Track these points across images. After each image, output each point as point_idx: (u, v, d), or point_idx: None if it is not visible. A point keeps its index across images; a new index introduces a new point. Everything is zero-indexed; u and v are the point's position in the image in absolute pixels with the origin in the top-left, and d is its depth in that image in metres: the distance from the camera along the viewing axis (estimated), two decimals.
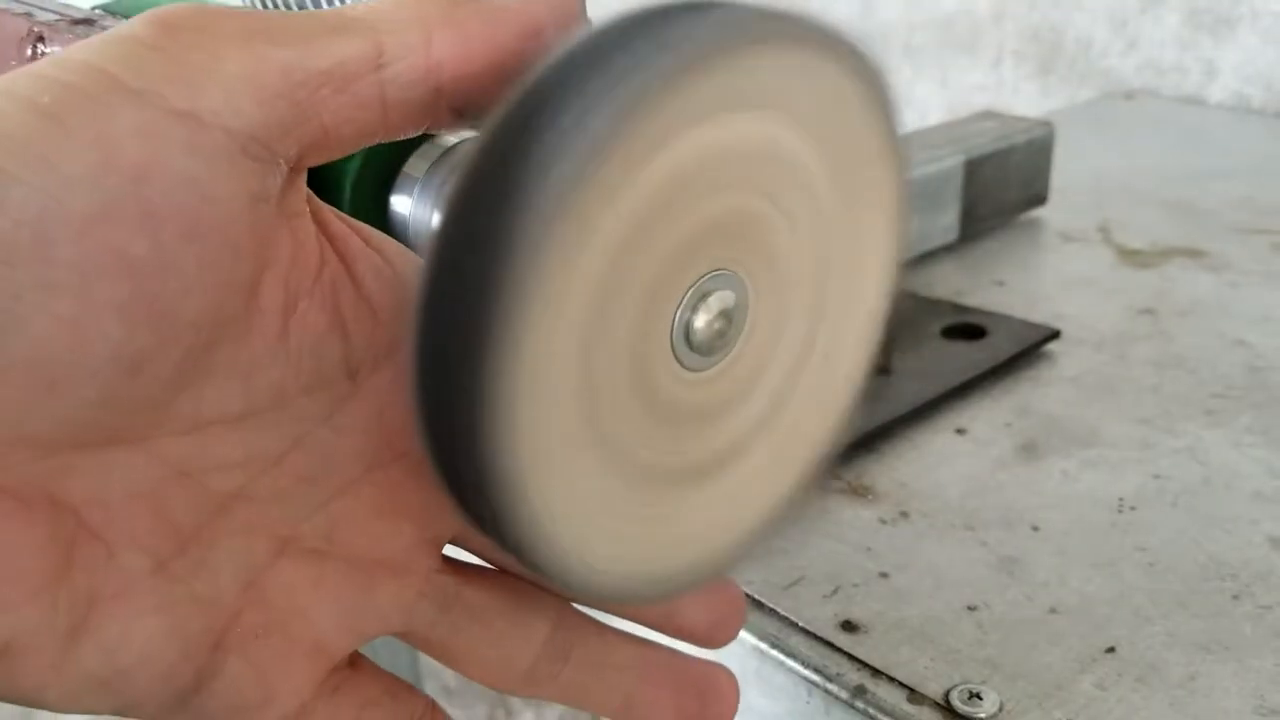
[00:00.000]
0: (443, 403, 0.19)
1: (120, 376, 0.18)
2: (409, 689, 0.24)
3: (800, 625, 0.34)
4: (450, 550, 0.25)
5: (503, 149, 0.18)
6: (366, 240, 0.23)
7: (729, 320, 0.22)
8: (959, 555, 0.37)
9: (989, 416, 0.45)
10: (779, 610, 0.34)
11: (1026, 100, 0.99)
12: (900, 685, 0.32)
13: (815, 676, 0.33)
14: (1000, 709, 0.31)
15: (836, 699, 0.32)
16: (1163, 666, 0.32)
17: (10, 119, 0.17)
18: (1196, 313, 0.54)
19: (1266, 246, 0.61)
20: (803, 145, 0.22)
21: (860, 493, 0.40)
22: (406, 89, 0.20)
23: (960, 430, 0.44)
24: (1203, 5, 0.88)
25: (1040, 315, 0.52)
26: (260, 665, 0.21)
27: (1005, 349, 0.48)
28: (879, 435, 0.43)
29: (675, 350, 0.22)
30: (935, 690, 0.31)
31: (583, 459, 0.21)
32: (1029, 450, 0.43)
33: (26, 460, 0.18)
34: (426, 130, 0.21)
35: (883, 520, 0.39)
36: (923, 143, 0.60)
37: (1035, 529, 0.38)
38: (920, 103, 1.06)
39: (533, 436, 0.20)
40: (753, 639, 0.34)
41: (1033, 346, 0.49)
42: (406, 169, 0.30)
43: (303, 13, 0.20)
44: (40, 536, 0.18)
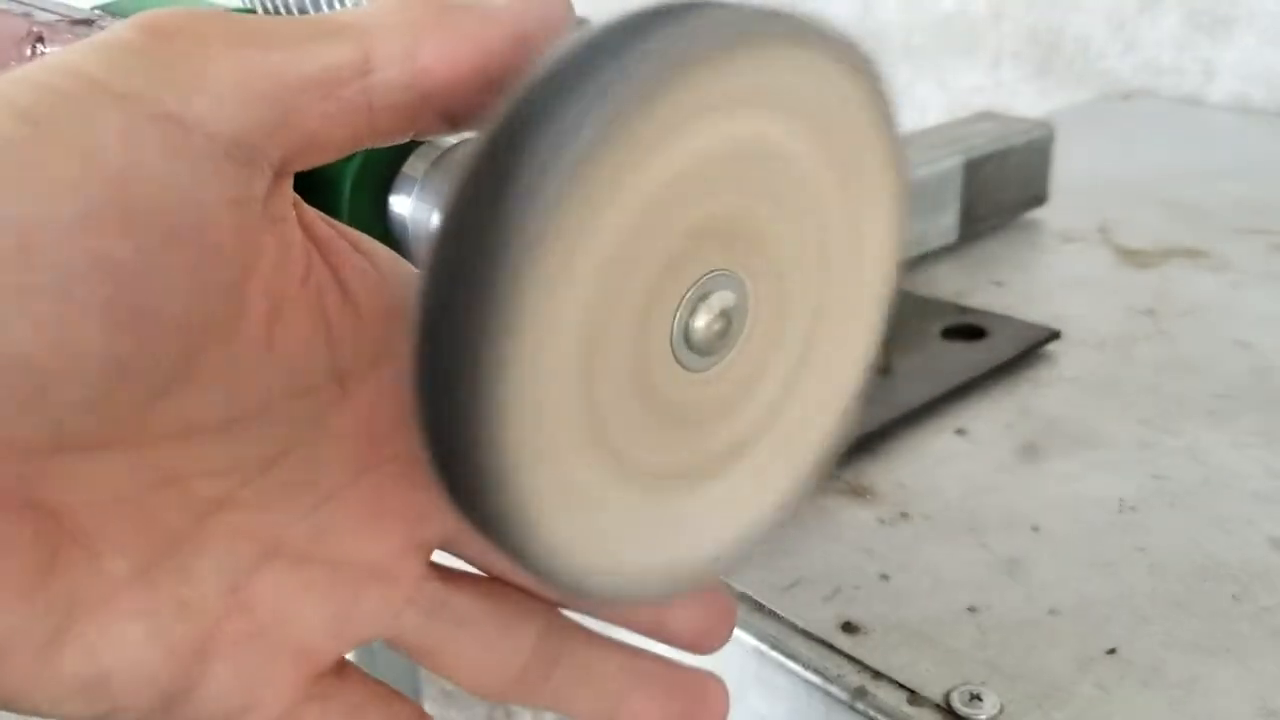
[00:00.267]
0: (440, 401, 0.19)
1: (104, 381, 0.18)
2: (398, 696, 0.24)
3: (800, 627, 0.34)
4: (439, 556, 0.24)
5: (501, 149, 0.18)
6: (354, 245, 0.23)
7: (729, 321, 0.22)
8: (959, 556, 0.37)
9: (989, 417, 0.45)
10: (779, 612, 0.34)
11: (1025, 101, 0.99)
12: (900, 687, 0.32)
13: (815, 678, 0.32)
14: (1000, 710, 0.30)
15: (837, 701, 0.32)
16: (1163, 667, 0.32)
17: None
18: (1197, 313, 0.54)
19: (1266, 246, 0.61)
20: (801, 145, 0.22)
21: (860, 494, 0.40)
22: (394, 94, 0.20)
23: (960, 431, 0.44)
24: (1201, 6, 0.88)
25: (1040, 316, 0.52)
26: (245, 671, 0.21)
27: (1005, 350, 0.48)
28: (879, 436, 0.43)
29: (675, 351, 0.22)
30: (935, 692, 0.31)
31: (581, 460, 0.21)
32: (1029, 451, 0.43)
33: (9, 463, 0.18)
34: (414, 137, 0.21)
35: (883, 521, 0.39)
36: (922, 143, 0.60)
37: (1035, 530, 0.38)
38: (919, 103, 1.06)
39: (530, 437, 0.20)
40: (752, 641, 0.34)
41: (1033, 347, 0.49)
42: (406, 169, 0.30)
43: (291, 18, 0.20)
44: (23, 540, 0.18)
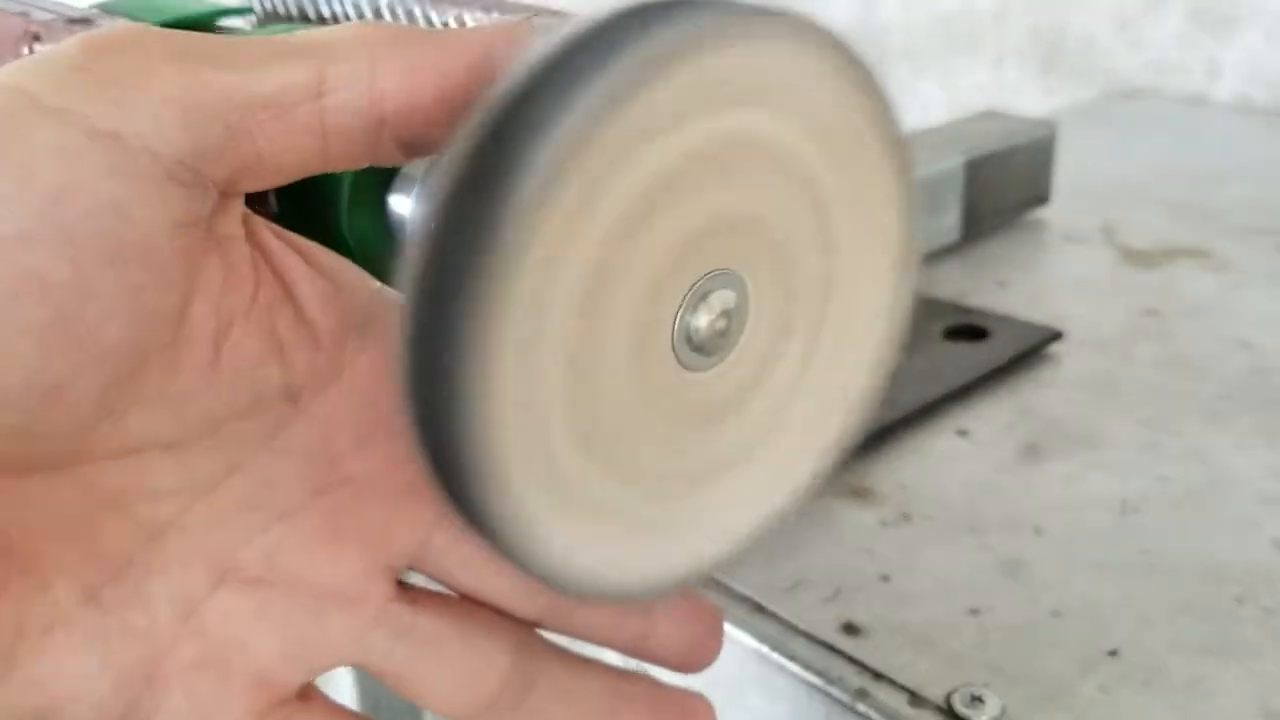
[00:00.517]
0: (430, 405, 0.19)
1: (37, 403, 0.17)
2: None
3: (801, 628, 0.34)
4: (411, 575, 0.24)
5: (485, 141, 0.18)
6: (310, 260, 0.22)
7: (730, 320, 0.22)
8: (961, 558, 0.37)
9: (991, 418, 0.45)
10: (779, 613, 0.34)
11: (1028, 100, 0.99)
12: (901, 688, 0.31)
13: (816, 680, 0.32)
14: (1002, 712, 0.30)
15: (837, 702, 0.32)
16: (1166, 670, 0.32)
17: None
18: (1200, 314, 0.54)
19: (1270, 247, 0.61)
20: (799, 143, 0.22)
21: (861, 495, 0.40)
22: (348, 118, 0.19)
23: (962, 432, 0.44)
24: (1205, 4, 0.88)
25: (1042, 316, 0.52)
26: (197, 699, 0.21)
27: (1007, 350, 0.48)
28: (880, 437, 0.43)
29: (676, 350, 0.22)
30: (937, 693, 0.31)
31: (578, 461, 0.21)
32: (1031, 452, 0.43)
33: None
34: (371, 164, 0.20)
35: (884, 522, 0.39)
36: (924, 143, 0.60)
37: (1037, 531, 0.38)
38: (921, 102, 1.06)
39: (524, 438, 0.19)
40: (753, 642, 0.34)
41: (1035, 347, 0.49)
42: (406, 168, 0.30)
43: (244, 38, 0.20)
44: None
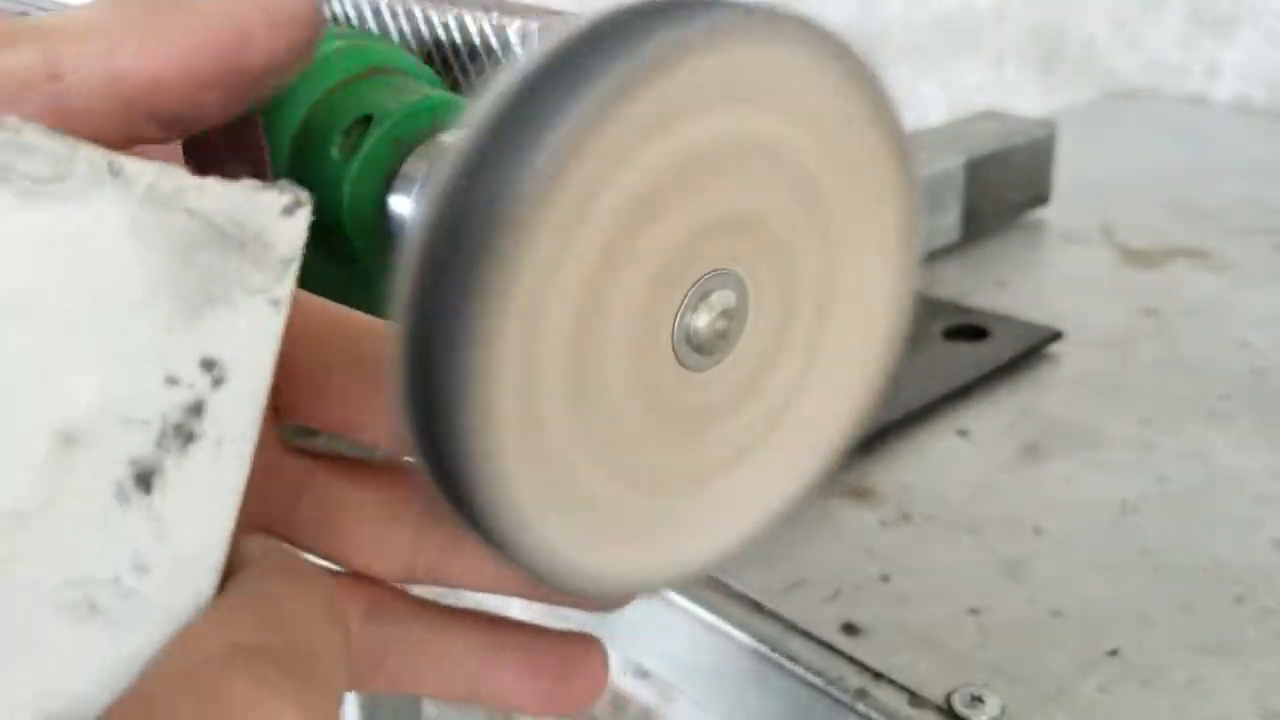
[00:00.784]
0: (425, 401, 0.19)
1: None
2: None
3: (801, 628, 0.34)
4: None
5: (483, 143, 0.18)
6: None
7: (730, 320, 0.22)
8: (961, 558, 0.37)
9: (991, 418, 0.45)
10: (779, 613, 0.34)
11: (1028, 100, 0.99)
12: (901, 688, 0.31)
13: (816, 680, 0.32)
14: (1002, 712, 0.30)
15: (837, 702, 0.32)
16: (1166, 669, 0.32)
17: None
18: (1200, 314, 0.54)
19: (1270, 247, 0.61)
20: (798, 142, 0.22)
21: (861, 494, 0.40)
22: (91, 100, 0.19)
23: (962, 432, 0.44)
24: (1204, 5, 0.88)
25: (1042, 316, 0.52)
26: None
27: (1007, 350, 0.48)
28: (880, 437, 0.43)
29: (676, 350, 0.22)
30: (937, 693, 0.31)
31: (578, 461, 0.21)
32: (1031, 452, 0.43)
33: None
34: (133, 142, 0.19)
35: (884, 522, 0.39)
36: (924, 143, 0.60)
37: (1038, 531, 0.38)
38: (921, 103, 1.06)
39: (520, 436, 0.20)
40: (753, 642, 0.34)
41: (1035, 347, 0.49)
42: (406, 169, 0.30)
43: None
44: None
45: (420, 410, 0.19)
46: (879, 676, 0.32)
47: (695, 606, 0.35)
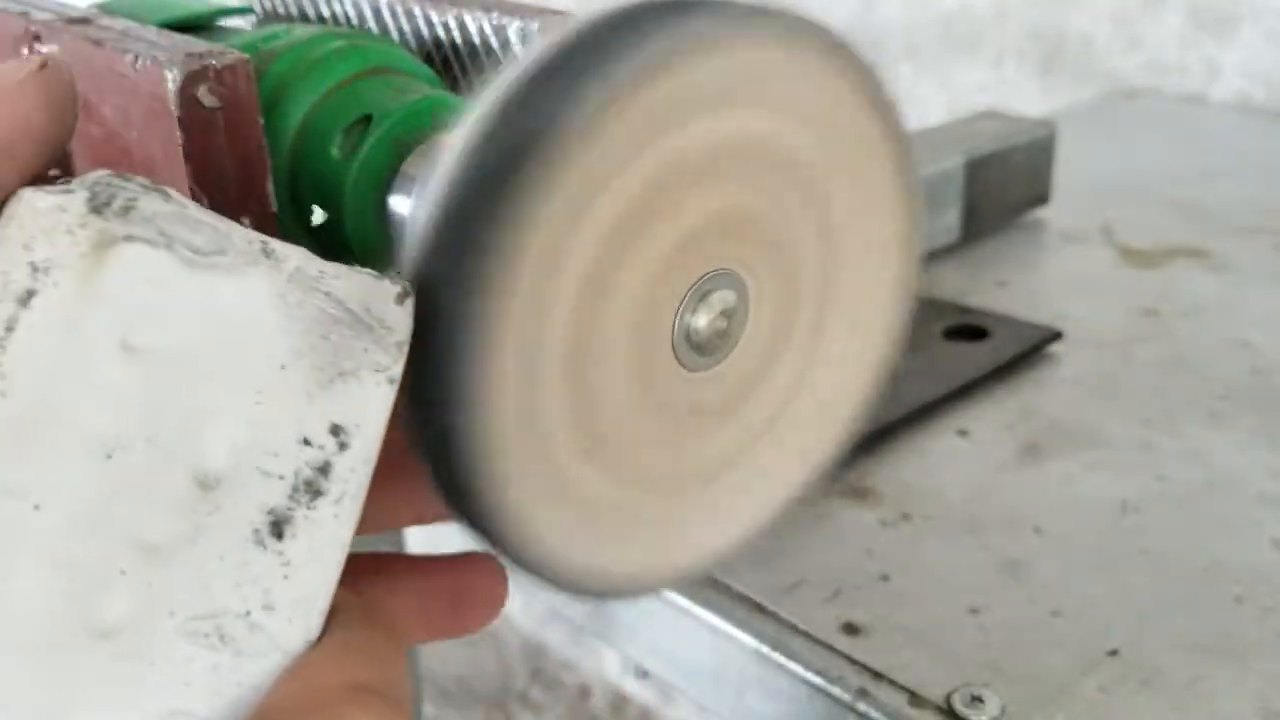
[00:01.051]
0: (430, 405, 0.19)
1: None
2: None
3: (801, 628, 0.34)
4: None
5: (484, 144, 0.18)
6: None
7: (730, 320, 0.22)
8: (961, 558, 0.37)
9: (991, 418, 0.45)
10: (779, 613, 0.34)
11: (1028, 100, 0.99)
12: (901, 688, 0.31)
13: (816, 679, 0.32)
14: (1002, 712, 0.30)
15: (838, 702, 0.32)
16: (1166, 669, 0.32)
17: None
18: (1200, 314, 0.54)
19: (1270, 247, 0.61)
20: (798, 141, 0.22)
21: (861, 495, 0.40)
22: None
23: (962, 432, 0.44)
24: (1204, 4, 0.88)
25: (1042, 316, 0.52)
26: None
27: (1007, 350, 0.48)
28: (880, 437, 0.43)
29: (677, 350, 0.22)
30: (937, 693, 0.31)
31: (579, 461, 0.21)
32: (1031, 452, 0.43)
33: None
34: None
35: (884, 522, 0.39)
36: (924, 143, 0.60)
37: (1037, 531, 0.38)
38: (921, 103, 1.06)
39: (522, 437, 0.20)
40: (753, 642, 0.34)
41: (1035, 347, 0.49)
42: (406, 169, 0.30)
43: None
44: None
45: (422, 412, 0.19)
46: (879, 676, 0.32)
47: (695, 606, 0.35)
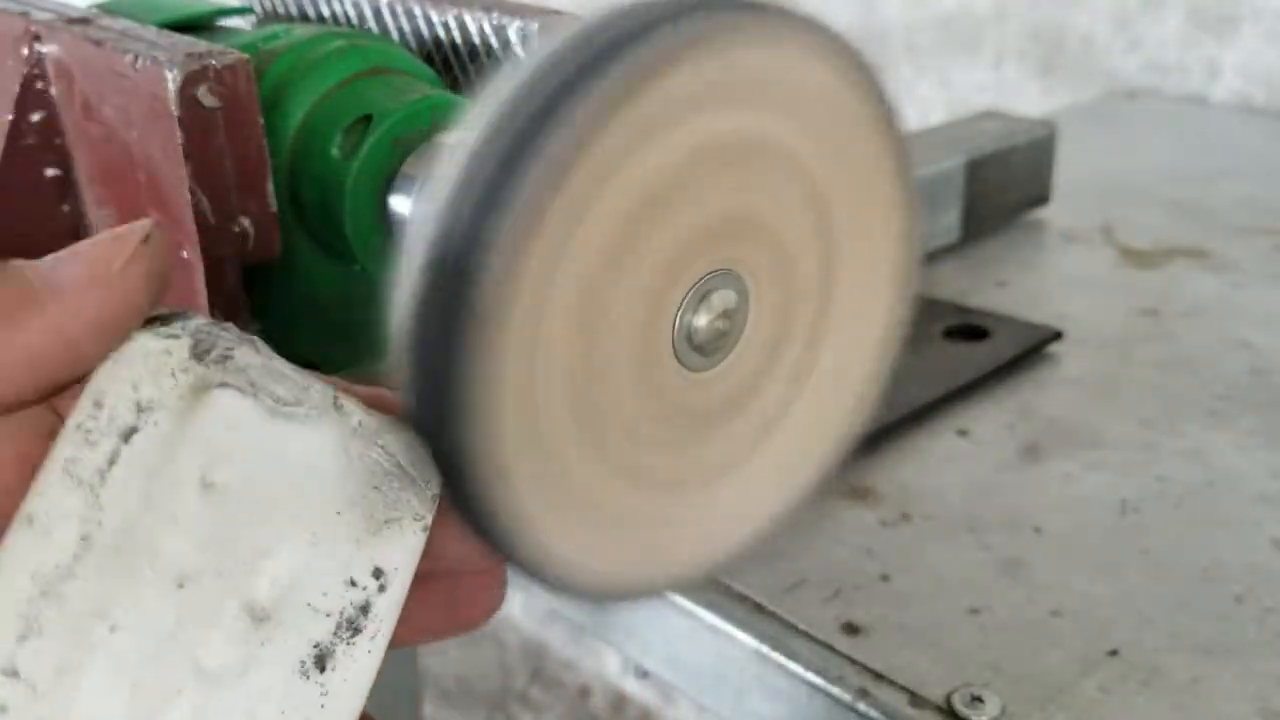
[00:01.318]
0: (432, 406, 0.19)
1: None
2: None
3: (801, 628, 0.34)
4: None
5: (484, 146, 0.18)
6: None
7: (731, 320, 0.22)
8: (961, 557, 0.37)
9: (991, 418, 0.45)
10: (780, 613, 0.34)
11: (1028, 100, 0.99)
12: (901, 688, 0.31)
13: (816, 679, 0.32)
14: (1002, 712, 0.30)
15: (838, 702, 0.32)
16: (1166, 669, 0.32)
17: None
18: (1200, 313, 0.54)
19: (1270, 247, 0.61)
20: (797, 141, 0.22)
21: (861, 495, 0.40)
22: None
23: (962, 432, 0.44)
24: (1204, 4, 0.88)
25: (1042, 316, 0.52)
26: None
27: (1007, 350, 0.48)
28: (880, 437, 0.43)
29: (678, 351, 0.22)
30: (937, 693, 0.31)
31: (581, 464, 0.21)
32: (1031, 452, 0.43)
33: None
34: None
35: (884, 522, 0.39)
36: (924, 143, 0.60)
37: (1037, 531, 0.38)
38: (921, 103, 1.06)
39: (523, 443, 0.20)
40: (753, 642, 0.34)
41: (1035, 347, 0.49)
42: (406, 169, 0.30)
43: None
44: None
45: (426, 418, 0.19)
46: (879, 676, 0.32)
47: (696, 606, 0.35)
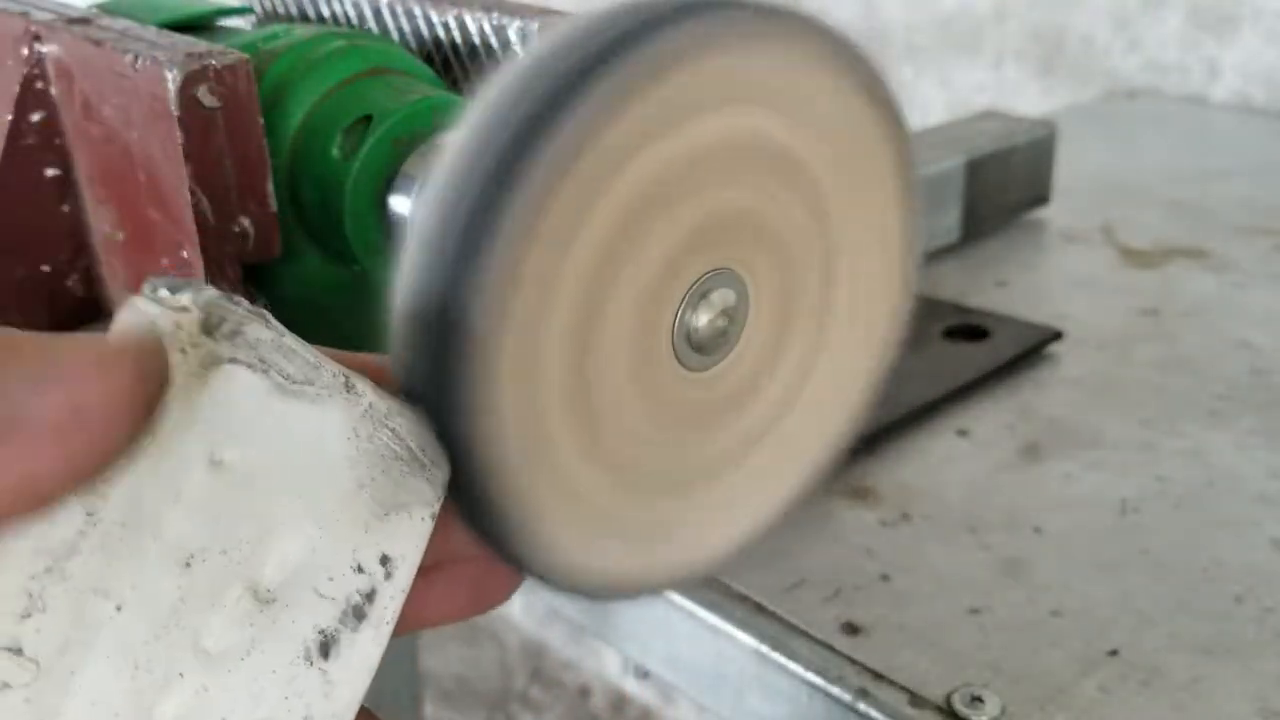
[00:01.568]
0: (434, 407, 0.19)
1: None
2: None
3: (801, 628, 0.34)
4: None
5: (482, 146, 0.18)
6: None
7: (730, 319, 0.22)
8: (961, 557, 0.37)
9: (991, 418, 0.45)
10: (780, 613, 0.34)
11: (1028, 100, 0.99)
12: (901, 689, 0.31)
13: (816, 679, 0.32)
14: (1002, 712, 0.30)
15: (838, 702, 0.32)
16: (1165, 669, 0.32)
17: None
18: (1199, 313, 0.54)
19: (1269, 247, 0.61)
20: (799, 141, 0.22)
21: (861, 494, 0.40)
22: None
23: (962, 432, 0.44)
24: (1205, 4, 0.88)
25: (1042, 316, 0.52)
26: None
27: (1007, 350, 0.48)
28: (880, 437, 0.43)
29: (677, 350, 0.22)
30: (937, 693, 0.31)
31: (583, 465, 0.21)
32: (1031, 452, 0.43)
33: None
34: None
35: (884, 522, 0.39)
36: (924, 143, 0.60)
37: (1037, 531, 0.38)
38: (921, 103, 1.06)
39: (527, 441, 0.20)
40: (753, 642, 0.34)
41: (1035, 347, 0.49)
42: (406, 169, 0.30)
43: None
44: None
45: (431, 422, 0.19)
46: (879, 676, 0.32)
47: (696, 607, 0.35)
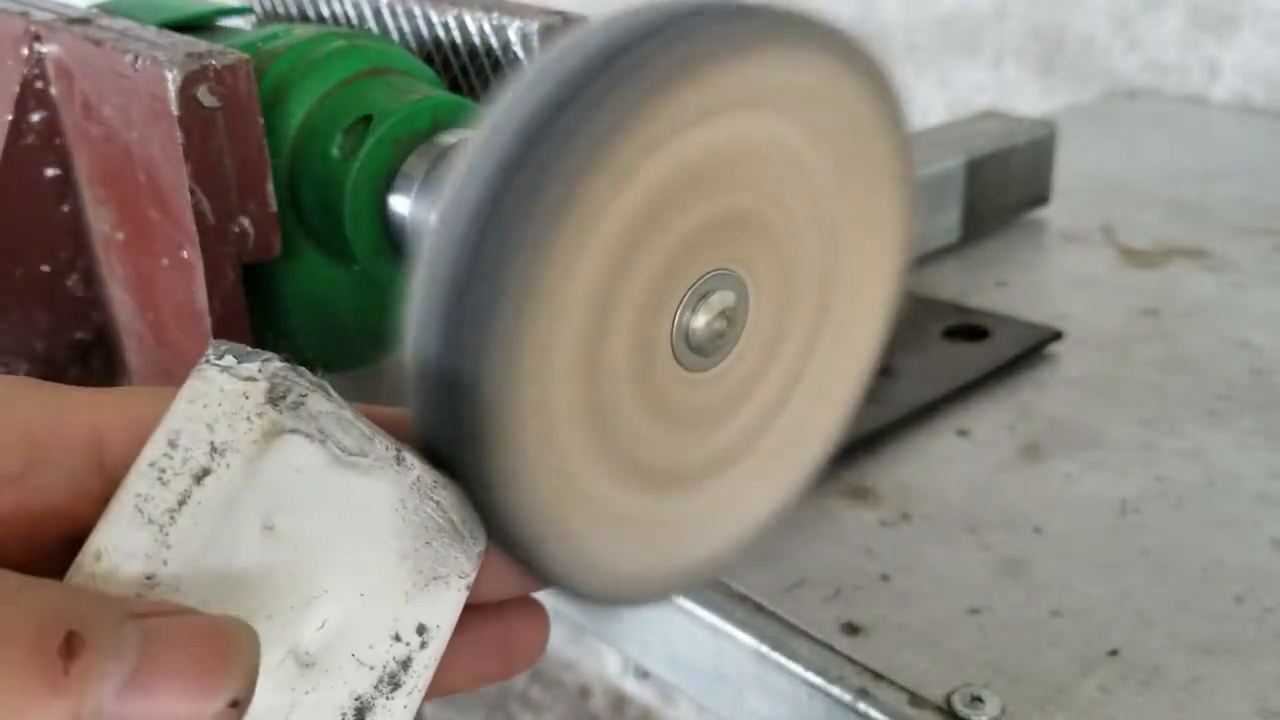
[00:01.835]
0: (441, 411, 0.19)
1: None
2: None
3: (801, 628, 0.34)
4: None
5: (500, 147, 0.18)
6: None
7: (729, 320, 0.22)
8: (961, 557, 0.37)
9: (991, 418, 0.45)
10: (780, 613, 0.34)
11: (1028, 100, 0.99)
12: (901, 689, 0.31)
13: (816, 679, 0.32)
14: (1002, 712, 0.30)
15: (838, 702, 0.32)
16: (1165, 669, 0.32)
17: None
18: (1199, 313, 0.54)
19: (1269, 247, 0.61)
20: (802, 144, 0.22)
21: (861, 495, 0.40)
22: None
23: (962, 432, 0.44)
24: (1205, 4, 0.88)
25: (1042, 316, 0.52)
26: None
27: (1007, 350, 0.48)
28: (880, 437, 0.43)
29: (676, 352, 0.22)
30: (937, 693, 0.31)
31: (586, 467, 0.21)
32: (1031, 452, 0.43)
33: None
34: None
35: (884, 522, 0.39)
36: (924, 143, 0.60)
37: (1037, 531, 0.38)
38: (921, 103, 1.06)
39: (534, 445, 0.20)
40: (753, 642, 0.34)
41: (1035, 347, 0.49)
42: (406, 169, 0.30)
43: None
44: None
45: (439, 425, 0.19)
46: (879, 676, 0.32)
47: (696, 606, 0.35)
